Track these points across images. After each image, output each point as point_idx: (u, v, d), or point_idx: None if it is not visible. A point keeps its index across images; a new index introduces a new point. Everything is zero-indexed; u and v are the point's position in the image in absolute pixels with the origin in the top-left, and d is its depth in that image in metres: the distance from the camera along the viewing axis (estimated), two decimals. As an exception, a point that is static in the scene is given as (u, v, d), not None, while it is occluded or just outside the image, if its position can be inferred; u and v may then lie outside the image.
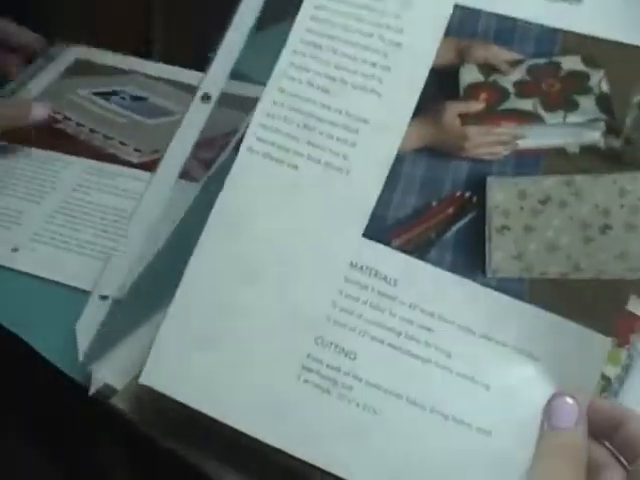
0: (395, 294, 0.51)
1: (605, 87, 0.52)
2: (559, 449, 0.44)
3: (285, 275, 0.53)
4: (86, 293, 0.63)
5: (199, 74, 0.84)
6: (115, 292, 0.61)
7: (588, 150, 0.51)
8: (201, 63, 0.85)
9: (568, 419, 0.45)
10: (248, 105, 0.79)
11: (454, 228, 0.52)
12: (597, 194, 0.50)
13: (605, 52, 0.52)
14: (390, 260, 0.52)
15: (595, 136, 0.51)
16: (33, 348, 0.58)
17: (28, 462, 0.58)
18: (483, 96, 0.54)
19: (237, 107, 0.76)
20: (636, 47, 0.52)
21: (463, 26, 0.55)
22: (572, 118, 0.52)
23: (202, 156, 0.76)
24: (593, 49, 0.53)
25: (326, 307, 0.51)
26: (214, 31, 1.01)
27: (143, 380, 0.52)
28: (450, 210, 0.53)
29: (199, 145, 0.76)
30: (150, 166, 0.75)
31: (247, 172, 0.56)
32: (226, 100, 0.68)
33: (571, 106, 0.52)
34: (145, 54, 0.94)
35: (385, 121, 0.54)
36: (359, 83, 0.55)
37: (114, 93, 0.83)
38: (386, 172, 0.53)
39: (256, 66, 0.57)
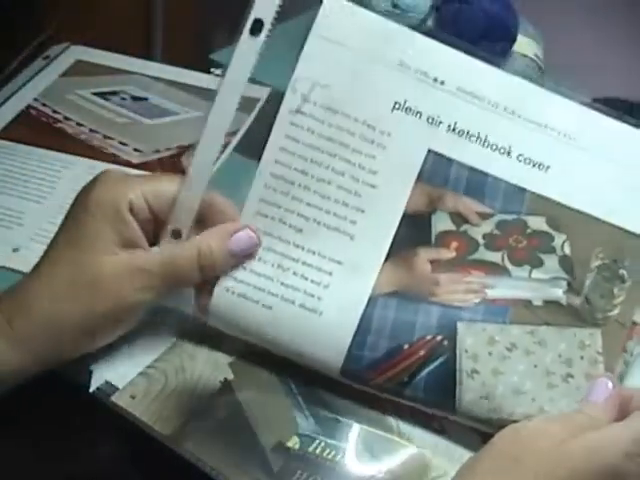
0: None
1: (567, 249, 0.55)
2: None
3: None
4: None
5: (199, 74, 0.84)
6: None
7: (551, 304, 0.55)
8: (201, 63, 0.85)
9: (600, 394, 0.49)
10: (249, 105, 0.79)
11: (426, 370, 0.54)
12: (560, 345, 0.54)
13: (568, 219, 0.55)
14: None
15: (557, 293, 0.55)
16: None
17: (27, 461, 0.57)
18: (454, 245, 0.56)
19: (237, 108, 0.76)
20: (595, 218, 0.54)
21: (436, 172, 0.55)
22: (537, 274, 0.55)
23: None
24: (557, 213, 0.55)
25: None
26: (214, 31, 1.02)
27: None
28: (422, 352, 0.54)
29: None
30: (150, 166, 0.75)
31: (224, 311, 0.56)
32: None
33: (536, 262, 0.55)
34: (146, 54, 0.94)
35: (358, 264, 0.55)
36: (332, 224, 0.55)
37: (114, 93, 0.83)
38: (359, 315, 0.54)
39: (257, 66, 0.57)
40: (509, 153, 0.55)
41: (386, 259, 0.55)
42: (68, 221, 0.54)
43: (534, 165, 0.55)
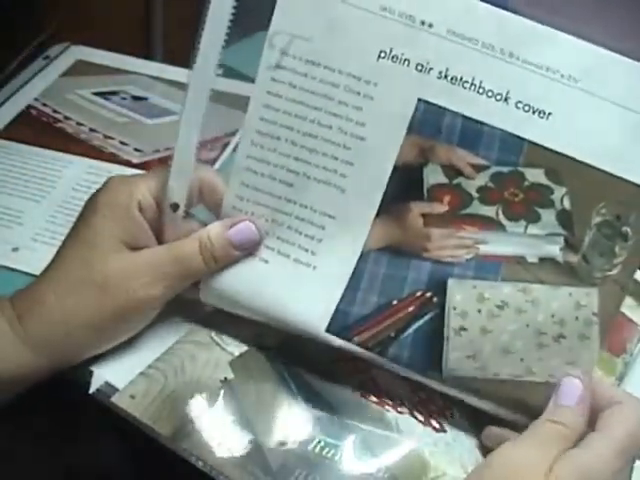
0: None
1: (567, 204, 0.52)
2: (552, 435, 0.47)
3: None
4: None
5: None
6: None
7: (546, 261, 0.53)
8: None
9: (572, 397, 0.48)
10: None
11: (414, 326, 0.53)
12: (553, 304, 0.52)
13: (569, 170, 0.51)
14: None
15: (554, 250, 0.52)
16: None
17: (28, 461, 0.58)
18: (447, 198, 0.53)
19: (238, 107, 0.75)
20: (599, 170, 0.51)
21: (427, 123, 0.52)
22: (533, 229, 0.53)
23: (204, 157, 0.76)
24: (557, 165, 0.52)
25: None
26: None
27: None
28: (410, 309, 0.53)
29: (200, 145, 0.76)
30: (150, 166, 0.75)
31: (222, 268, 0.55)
32: (227, 100, 0.68)
33: (533, 217, 0.53)
34: (146, 54, 0.94)
35: (350, 218, 0.53)
36: (322, 177, 0.54)
37: (114, 93, 0.83)
38: (351, 269, 0.53)
39: (257, 66, 0.57)
40: (506, 99, 0.51)
41: (378, 214, 0.53)
42: (78, 223, 0.55)
43: (534, 112, 0.51)
